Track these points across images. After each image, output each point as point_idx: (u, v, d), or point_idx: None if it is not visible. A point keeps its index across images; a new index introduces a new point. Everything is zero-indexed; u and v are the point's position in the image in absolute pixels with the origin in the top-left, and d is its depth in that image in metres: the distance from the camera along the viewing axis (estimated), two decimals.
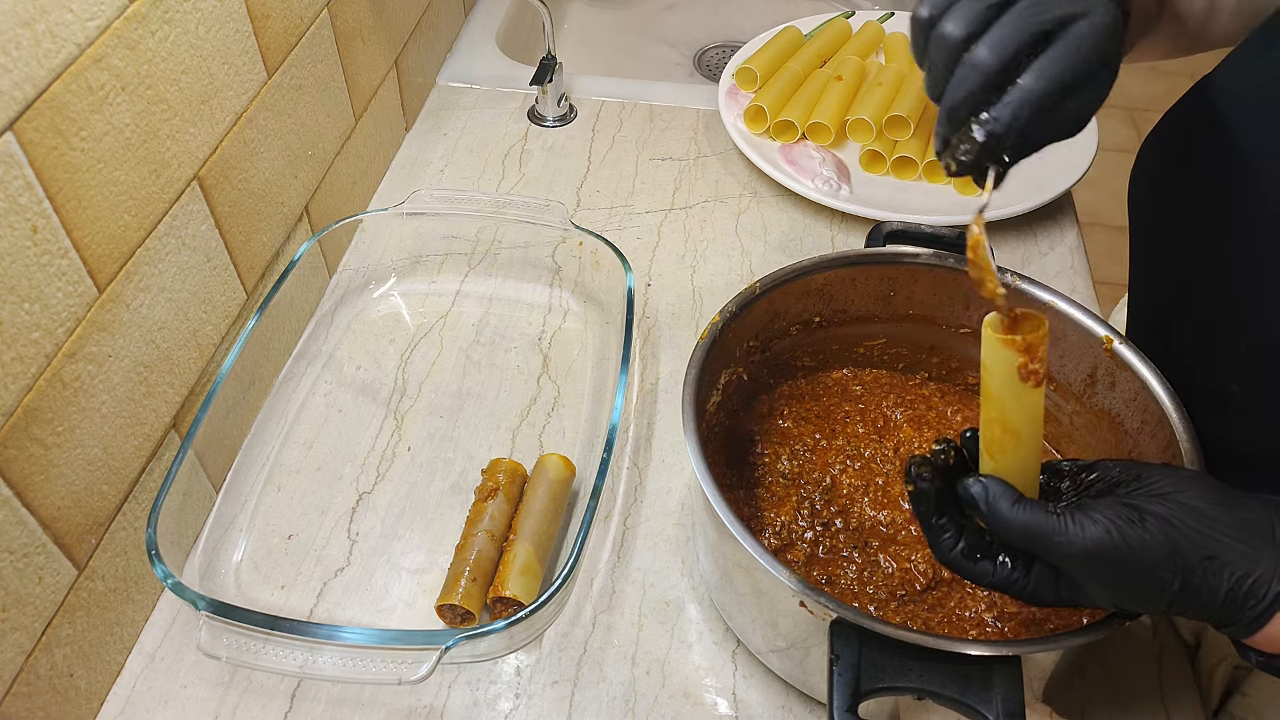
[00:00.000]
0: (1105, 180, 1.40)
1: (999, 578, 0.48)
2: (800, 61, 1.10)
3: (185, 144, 0.66)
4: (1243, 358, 0.57)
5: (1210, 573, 0.44)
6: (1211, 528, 0.44)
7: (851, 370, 0.76)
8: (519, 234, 0.93)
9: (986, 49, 0.45)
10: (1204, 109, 0.58)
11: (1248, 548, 0.44)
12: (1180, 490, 0.46)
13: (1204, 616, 0.46)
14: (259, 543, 0.73)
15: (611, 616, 0.69)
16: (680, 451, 0.78)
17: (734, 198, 1.00)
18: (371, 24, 0.93)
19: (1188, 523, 0.45)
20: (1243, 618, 0.44)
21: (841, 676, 0.50)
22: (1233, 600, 0.44)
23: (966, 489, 0.48)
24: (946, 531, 0.49)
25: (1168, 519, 0.45)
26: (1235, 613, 0.44)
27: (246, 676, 0.66)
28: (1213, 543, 0.44)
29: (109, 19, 0.57)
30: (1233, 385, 0.58)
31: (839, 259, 0.69)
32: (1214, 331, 0.60)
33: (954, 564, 0.49)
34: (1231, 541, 0.44)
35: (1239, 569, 0.44)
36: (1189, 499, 0.45)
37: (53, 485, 0.57)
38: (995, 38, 0.45)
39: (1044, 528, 0.45)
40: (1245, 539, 0.44)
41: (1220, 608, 0.45)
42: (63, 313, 0.56)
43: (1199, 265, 0.60)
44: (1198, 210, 0.58)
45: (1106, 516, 0.45)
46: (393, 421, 0.80)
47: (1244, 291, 0.56)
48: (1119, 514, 0.45)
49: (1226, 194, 0.56)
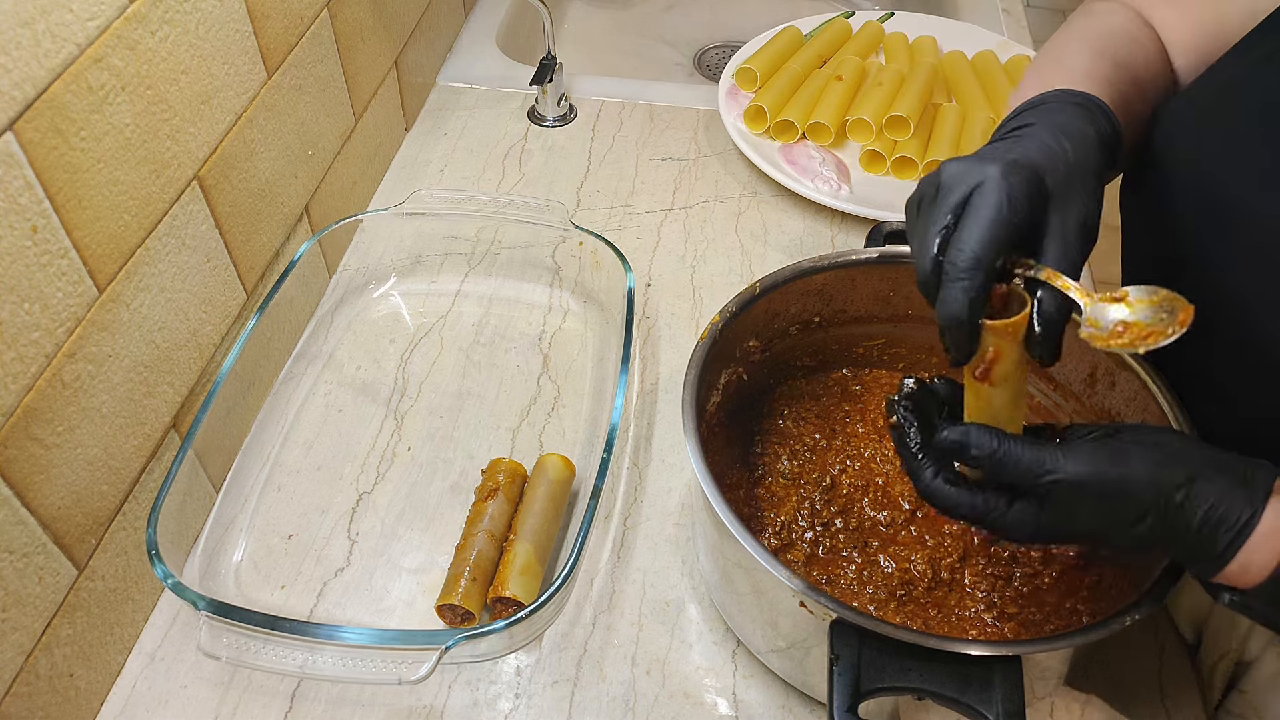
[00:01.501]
0: None
1: (979, 506, 0.50)
2: (800, 61, 1.10)
3: (185, 144, 0.66)
4: (1232, 357, 0.57)
5: (1187, 498, 0.46)
6: (1189, 459, 0.47)
7: (851, 370, 0.76)
8: (519, 234, 0.93)
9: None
10: (1192, 106, 0.59)
11: (1222, 479, 0.46)
12: (1158, 434, 0.49)
13: (1178, 547, 0.48)
14: (259, 543, 0.73)
15: (611, 616, 0.69)
16: (680, 451, 0.78)
17: (734, 198, 1.00)
18: (371, 24, 0.93)
19: (1168, 453, 0.47)
20: (1215, 546, 0.46)
21: (841, 676, 0.50)
22: (1206, 526, 0.46)
23: (945, 437, 0.49)
24: (927, 464, 0.51)
25: (1149, 450, 0.47)
26: (1208, 541, 0.46)
27: (246, 676, 0.66)
28: (1190, 470, 0.46)
29: (109, 19, 0.57)
30: (1225, 384, 0.58)
31: (839, 259, 0.69)
32: (1204, 333, 0.60)
33: (933, 492, 0.51)
34: (1208, 471, 0.46)
35: (1212, 496, 0.46)
36: (1166, 441, 0.49)
37: (53, 485, 0.57)
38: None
39: (1035, 457, 0.47)
40: (1220, 473, 0.47)
41: (1195, 533, 0.46)
42: (63, 313, 0.56)
43: (1184, 260, 0.60)
44: (1183, 205, 0.59)
45: (1091, 448, 0.47)
46: (393, 421, 0.80)
47: (1228, 286, 0.56)
48: (1103, 445, 0.48)
49: (1213, 188, 0.56)
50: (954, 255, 0.47)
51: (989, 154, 0.50)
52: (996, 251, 0.47)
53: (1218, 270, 0.56)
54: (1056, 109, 0.54)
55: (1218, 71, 0.58)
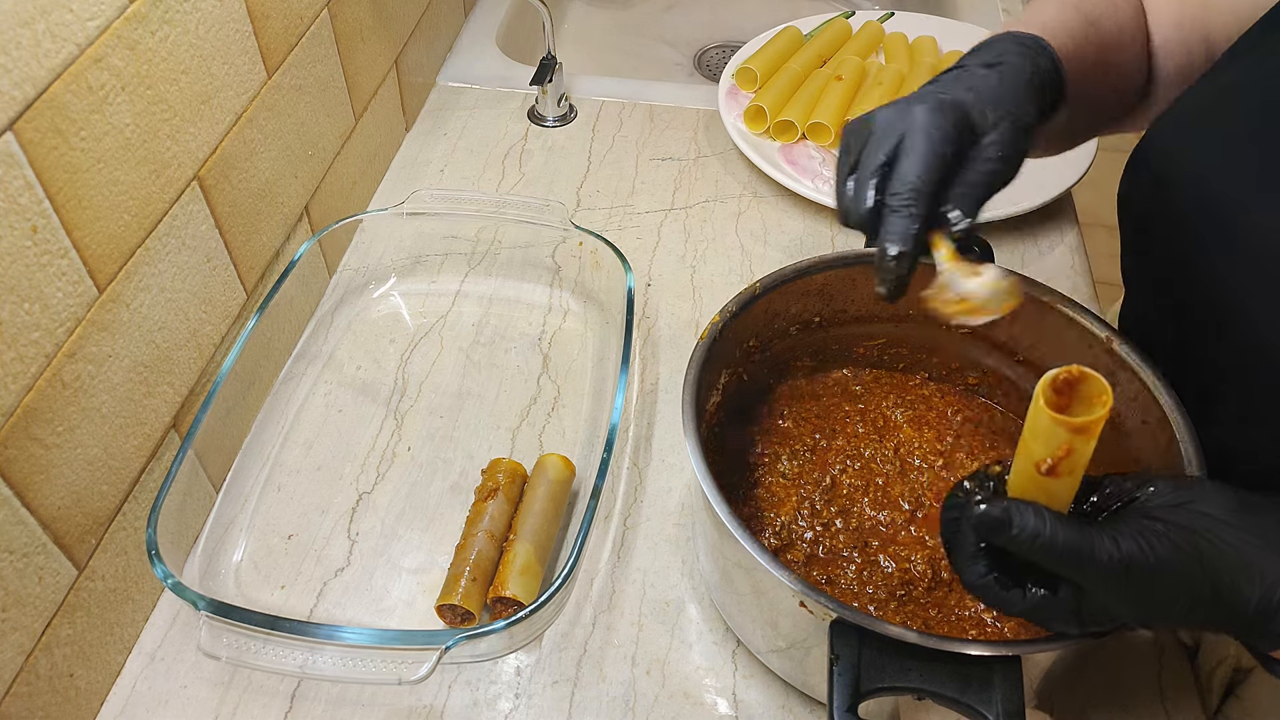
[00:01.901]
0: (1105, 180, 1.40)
1: (1029, 604, 0.46)
2: (800, 61, 1.10)
3: (185, 144, 0.66)
4: (1232, 360, 0.57)
5: (1242, 580, 0.43)
6: (1237, 536, 0.43)
7: (851, 370, 0.76)
8: (519, 234, 0.93)
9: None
10: (1191, 112, 0.59)
11: (1276, 554, 0.43)
12: (1195, 499, 0.45)
13: (1233, 627, 0.45)
14: (259, 543, 0.73)
15: (611, 616, 0.69)
16: (680, 451, 0.78)
17: (734, 198, 1.00)
18: (371, 24, 0.93)
19: (1214, 531, 0.44)
20: (1270, 627, 0.43)
21: (841, 676, 0.50)
22: (1264, 609, 0.43)
23: (990, 512, 0.45)
24: (978, 561, 0.47)
25: (1194, 529, 0.44)
26: (1266, 623, 0.43)
27: (246, 676, 0.66)
28: (1240, 550, 0.43)
29: (109, 19, 0.57)
30: (1223, 387, 0.58)
31: (839, 259, 0.69)
32: (1196, 334, 0.60)
33: (982, 590, 0.47)
34: (1260, 549, 0.43)
35: (1269, 577, 0.43)
36: (1207, 507, 0.45)
37: (53, 485, 0.57)
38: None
39: (1081, 546, 0.43)
40: (1273, 546, 0.43)
41: (1251, 616, 0.43)
42: (63, 313, 0.56)
43: (1183, 266, 0.60)
44: (1182, 211, 0.59)
45: (1134, 530, 0.44)
46: (393, 421, 0.80)
47: (1227, 294, 0.56)
48: (1145, 527, 0.44)
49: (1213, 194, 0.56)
50: (896, 187, 0.51)
51: (918, 96, 0.53)
52: (932, 183, 0.51)
53: (1217, 271, 0.56)
54: (996, 48, 0.56)
55: (1215, 72, 0.58)
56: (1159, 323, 0.66)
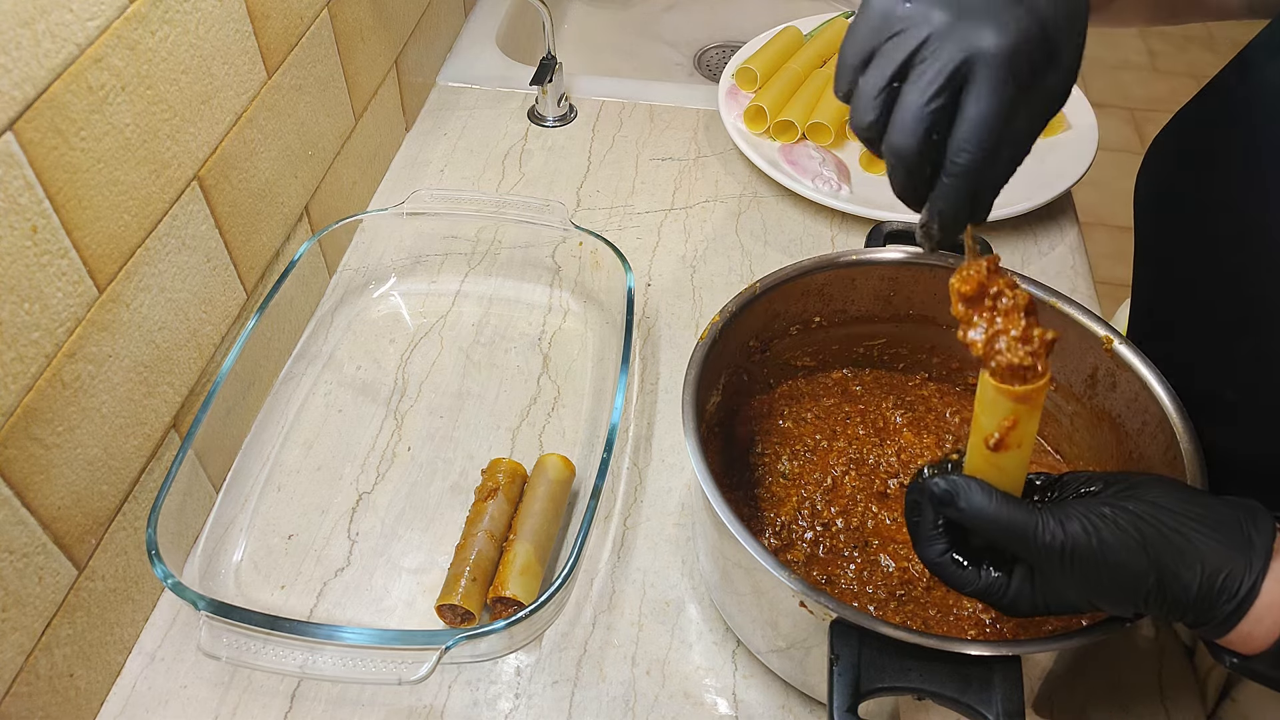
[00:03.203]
0: (1106, 180, 1.40)
1: (982, 584, 0.49)
2: (800, 61, 1.10)
3: (185, 144, 0.66)
4: (1243, 362, 0.57)
5: (1183, 567, 0.44)
6: (1183, 524, 0.45)
7: (851, 370, 0.76)
8: (519, 234, 0.93)
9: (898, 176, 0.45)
10: (1214, 109, 0.58)
11: (1220, 544, 0.44)
12: (1150, 490, 0.47)
13: (1178, 614, 0.46)
14: (259, 543, 0.73)
15: (611, 616, 0.69)
16: (680, 451, 0.78)
17: (734, 198, 1.00)
18: (371, 24, 0.93)
19: (1160, 519, 0.45)
20: (1216, 615, 0.44)
21: (841, 676, 0.50)
22: (1206, 596, 0.44)
23: (937, 485, 0.48)
24: (936, 540, 0.50)
25: (1140, 515, 0.45)
26: (1208, 610, 0.44)
27: (246, 676, 0.66)
28: (1185, 538, 0.45)
29: (109, 19, 0.57)
30: (1229, 391, 0.58)
31: (839, 259, 0.69)
32: (1216, 334, 0.60)
33: (939, 568, 0.50)
34: (1204, 537, 0.45)
35: (1210, 564, 0.44)
36: (1158, 497, 0.46)
37: (53, 485, 0.57)
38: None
39: (1025, 523, 0.45)
40: (1217, 536, 0.45)
41: (1194, 604, 0.45)
42: (63, 313, 0.56)
43: (1204, 266, 0.60)
44: (1204, 210, 0.58)
45: (1081, 513, 0.45)
46: (393, 421, 0.80)
47: (1248, 293, 0.56)
48: (1094, 510, 0.45)
49: (1234, 194, 0.56)
50: (962, 144, 0.43)
51: (984, 7, 0.43)
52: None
53: (1233, 278, 0.55)
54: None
55: (1272, 58, 0.57)
56: (1168, 319, 0.65)
